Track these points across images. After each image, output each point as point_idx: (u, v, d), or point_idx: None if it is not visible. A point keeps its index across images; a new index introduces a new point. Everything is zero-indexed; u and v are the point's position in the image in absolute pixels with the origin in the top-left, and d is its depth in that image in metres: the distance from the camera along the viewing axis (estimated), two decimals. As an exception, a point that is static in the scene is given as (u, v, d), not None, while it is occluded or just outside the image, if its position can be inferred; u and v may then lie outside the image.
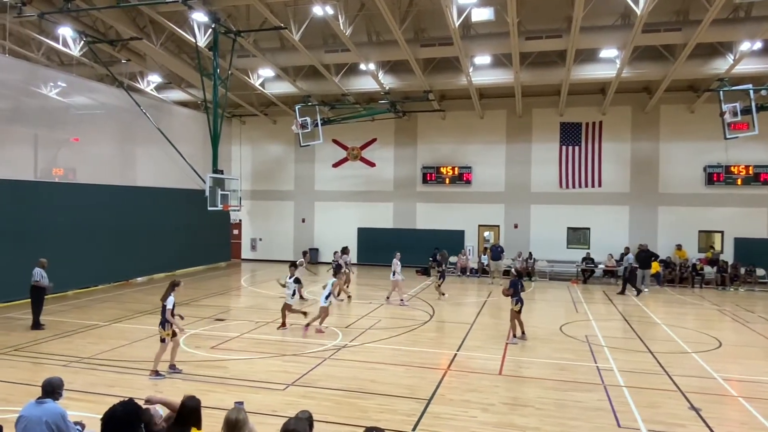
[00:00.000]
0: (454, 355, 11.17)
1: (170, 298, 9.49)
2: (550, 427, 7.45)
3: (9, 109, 18.31)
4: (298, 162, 28.81)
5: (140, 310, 15.40)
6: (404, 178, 27.26)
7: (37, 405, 5.01)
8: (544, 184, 25.33)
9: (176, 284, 9.71)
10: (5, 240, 15.52)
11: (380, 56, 20.79)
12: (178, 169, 20.71)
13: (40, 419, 4.87)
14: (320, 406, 7.82)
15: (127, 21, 18.70)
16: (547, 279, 23.74)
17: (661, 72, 20.30)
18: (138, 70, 24.46)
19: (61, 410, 5.04)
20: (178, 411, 4.54)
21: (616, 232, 24.39)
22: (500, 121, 25.85)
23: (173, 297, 9.54)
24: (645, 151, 24.41)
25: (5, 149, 18.39)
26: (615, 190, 24.61)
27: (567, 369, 10.27)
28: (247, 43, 19.29)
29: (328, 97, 24.96)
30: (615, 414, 7.96)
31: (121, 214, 19.99)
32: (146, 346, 11.51)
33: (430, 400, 8.41)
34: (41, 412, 4.93)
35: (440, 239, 25.49)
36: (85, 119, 20.52)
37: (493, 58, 20.57)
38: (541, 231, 25.30)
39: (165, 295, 9.56)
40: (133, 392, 8.09)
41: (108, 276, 19.80)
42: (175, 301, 9.59)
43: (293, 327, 13.40)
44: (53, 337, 12.19)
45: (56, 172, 20.19)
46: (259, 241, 29.61)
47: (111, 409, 3.74)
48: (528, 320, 15.39)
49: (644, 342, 12.52)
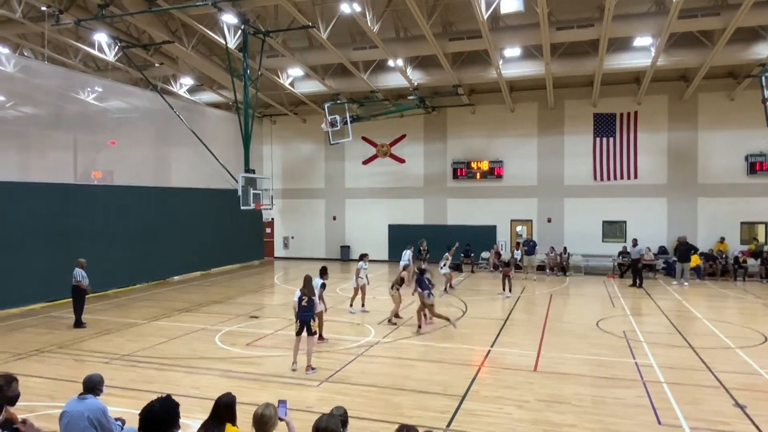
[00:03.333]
0: (488, 352, 11.06)
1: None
2: (587, 424, 7.30)
3: (49, 114, 18.92)
4: (328, 160, 28.96)
5: (177, 308, 15.73)
6: (434, 173, 27.12)
7: (79, 401, 5.14)
8: (577, 177, 24.86)
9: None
10: (48, 241, 16.03)
11: (408, 52, 20.71)
12: (212, 170, 21.07)
13: (82, 414, 4.99)
14: (354, 403, 7.83)
15: (159, 25, 19.09)
16: (582, 274, 23.31)
17: (699, 59, 19.67)
18: (171, 73, 24.95)
19: (102, 406, 5.16)
20: (213, 407, 4.59)
21: (653, 225, 23.80)
22: (531, 114, 25.46)
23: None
24: (683, 141, 23.70)
25: (47, 154, 19.03)
26: (652, 182, 23.98)
27: (604, 365, 10.05)
28: (276, 43, 19.45)
29: (357, 95, 25.00)
30: (655, 411, 7.75)
31: (157, 214, 20.44)
32: (183, 344, 11.76)
33: (464, 397, 8.34)
34: (83, 408, 5.05)
35: (472, 235, 25.32)
36: (121, 123, 21.04)
37: (523, 50, 20.26)
38: (576, 225, 24.85)
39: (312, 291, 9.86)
40: (171, 388, 8.27)
41: (145, 275, 20.27)
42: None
43: (328, 323, 13.48)
44: (94, 335, 12.54)
45: (95, 174, 20.76)
46: (291, 239, 29.90)
47: (149, 404, 3.80)
48: (563, 316, 15.23)
49: (685, 337, 12.18)
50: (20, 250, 15.17)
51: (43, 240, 15.93)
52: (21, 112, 18.83)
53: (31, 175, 17.30)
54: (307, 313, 9.73)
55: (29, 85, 18.03)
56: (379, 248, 27.38)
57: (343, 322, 13.78)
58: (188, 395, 8.13)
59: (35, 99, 18.48)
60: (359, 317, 14.35)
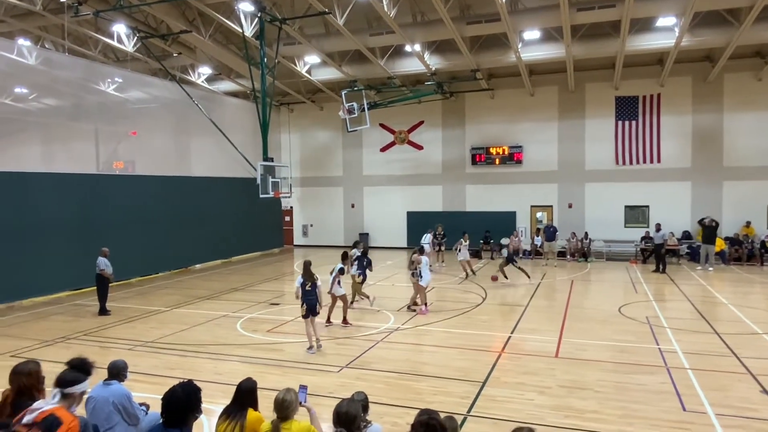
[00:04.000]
0: (508, 338, 11.00)
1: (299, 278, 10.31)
2: (610, 410, 7.22)
3: (71, 106, 19.17)
4: (345, 147, 28.93)
5: (199, 296, 15.93)
6: (453, 160, 26.93)
7: (105, 386, 5.23)
8: (599, 162, 24.47)
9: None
10: (72, 231, 16.31)
11: (426, 36, 20.48)
12: (231, 159, 21.20)
13: (107, 400, 5.07)
14: (374, 388, 7.85)
15: (176, 15, 19.16)
16: (603, 259, 23.03)
17: (725, 39, 19.12)
18: (189, 63, 25.07)
19: (126, 391, 5.24)
20: (235, 392, 4.63)
21: (677, 210, 23.36)
22: (552, 98, 25.07)
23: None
24: (708, 123, 23.15)
25: (70, 145, 19.31)
26: (675, 166, 23.51)
27: (627, 351, 9.93)
28: (293, 30, 19.38)
29: (374, 81, 24.86)
30: (680, 397, 7.64)
31: (178, 203, 20.64)
32: (206, 330, 11.91)
33: (484, 383, 8.31)
34: (108, 393, 5.14)
35: (491, 221, 25.17)
36: (141, 113, 21.23)
37: (542, 33, 19.92)
38: (597, 210, 24.50)
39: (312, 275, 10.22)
40: (193, 374, 8.37)
41: (167, 263, 20.53)
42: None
43: (347, 310, 13.55)
44: (118, 323, 12.76)
45: (117, 165, 21.04)
46: (310, 227, 30.01)
47: (171, 389, 3.83)
48: (585, 302, 15.09)
49: (710, 323, 11.97)
50: (46, 240, 15.47)
51: (68, 229, 16.20)
52: (44, 103, 19.10)
53: (55, 165, 17.57)
54: (312, 297, 10.10)
55: (51, 77, 18.28)
56: (397, 235, 27.38)
57: (362, 309, 13.81)
58: (211, 381, 8.23)
59: (57, 91, 18.74)
60: (378, 303, 14.34)
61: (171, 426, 3.71)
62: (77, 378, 4.08)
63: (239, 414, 4.44)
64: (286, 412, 4.25)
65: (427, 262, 13.52)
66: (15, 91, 17.93)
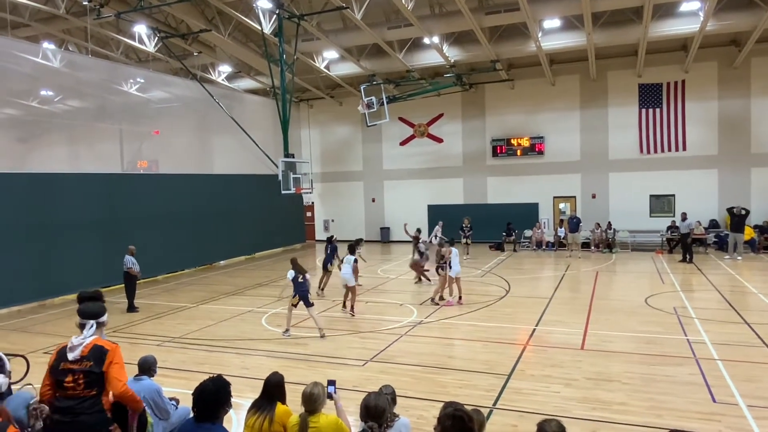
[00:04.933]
0: (533, 330, 10.93)
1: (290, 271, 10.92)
2: (638, 402, 7.14)
3: (95, 107, 19.53)
4: (365, 142, 28.94)
5: (224, 292, 16.14)
6: (473, 152, 26.77)
7: (135, 381, 5.34)
8: (623, 151, 24.10)
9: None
10: (99, 230, 16.64)
11: (444, 28, 20.36)
12: (252, 156, 21.37)
13: (138, 394, 5.18)
14: (399, 382, 7.87)
15: (196, 14, 19.34)
16: (629, 250, 22.70)
17: (751, 22, 18.63)
18: (209, 62, 25.31)
19: (156, 386, 5.35)
20: (263, 386, 4.69)
21: (704, 198, 22.91)
22: (573, 87, 24.74)
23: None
24: (734, 109, 22.62)
25: (95, 145, 19.69)
26: (701, 153, 23.04)
27: (654, 342, 9.80)
28: (311, 26, 19.43)
29: (393, 75, 24.80)
30: (709, 389, 7.51)
31: (201, 201, 20.90)
32: (232, 326, 12.07)
33: (509, 376, 8.28)
34: (139, 388, 5.23)
35: (513, 213, 24.98)
36: (163, 112, 21.52)
37: (563, 21, 19.66)
38: (621, 200, 24.15)
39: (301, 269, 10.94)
40: (221, 369, 8.50)
41: (193, 260, 20.82)
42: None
43: (370, 304, 13.61)
44: (146, 319, 13.00)
45: (141, 164, 21.38)
46: (332, 222, 30.14)
47: (202, 384, 3.90)
48: (610, 293, 14.93)
49: (739, 313, 11.73)
50: (74, 239, 15.79)
51: (95, 228, 16.52)
52: (69, 105, 19.49)
53: (81, 165, 17.94)
54: (304, 288, 10.81)
55: (75, 79, 18.62)
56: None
57: (386, 303, 13.86)
58: (238, 375, 8.34)
59: (81, 92, 19.09)
60: (401, 297, 14.36)
61: (202, 420, 3.77)
62: (102, 307, 4.36)
63: (268, 407, 4.50)
64: (314, 406, 4.30)
65: (457, 253, 13.52)
66: (41, 93, 18.32)
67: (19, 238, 14.42)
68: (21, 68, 16.25)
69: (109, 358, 4.05)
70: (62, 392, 3.93)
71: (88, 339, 4.05)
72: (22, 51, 16.55)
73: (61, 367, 3.93)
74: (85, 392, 3.97)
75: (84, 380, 3.95)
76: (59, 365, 3.94)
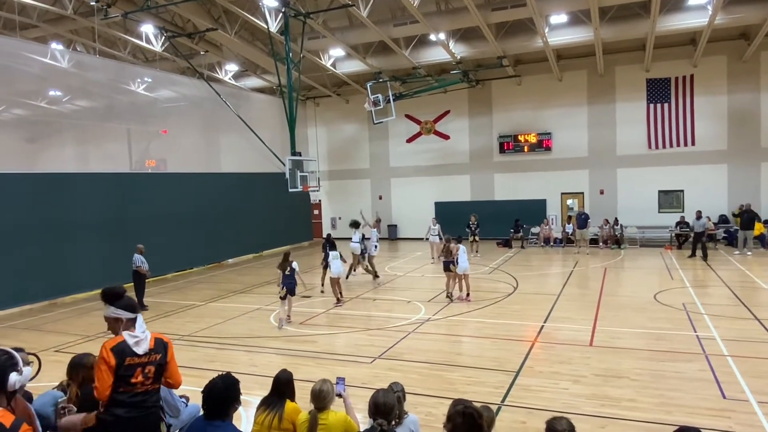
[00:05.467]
0: (541, 327, 10.91)
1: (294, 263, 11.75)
2: (647, 398, 7.12)
3: (103, 106, 19.64)
4: (372, 140, 28.93)
5: (233, 290, 16.21)
6: (480, 148, 26.70)
7: (146, 379, 5.38)
8: (631, 146, 23.95)
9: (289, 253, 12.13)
10: (108, 229, 16.73)
11: (450, 25, 20.30)
12: (259, 154, 21.43)
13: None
14: (407, 379, 7.88)
15: (202, 13, 19.40)
16: (637, 246, 22.59)
17: (761, 15, 18.44)
18: (216, 61, 25.37)
19: (167, 384, 5.39)
20: (273, 384, 4.72)
21: (713, 193, 22.73)
22: (580, 82, 24.61)
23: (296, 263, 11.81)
24: (744, 103, 22.42)
25: (103, 145, 19.81)
26: (710, 148, 22.86)
27: (664, 339, 9.75)
28: (317, 24, 19.44)
29: (399, 72, 24.77)
30: (719, 385, 7.48)
31: (209, 199, 20.97)
32: (241, 323, 12.12)
33: (518, 373, 8.27)
34: (150, 386, 5.29)
35: (521, 210, 24.92)
36: (171, 111, 21.61)
37: (570, 16, 19.54)
38: (630, 196, 24.02)
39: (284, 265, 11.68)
40: (230, 366, 8.51)
41: (201, 259, 20.92)
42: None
43: (378, 301, 13.63)
44: (156, 317, 13.09)
45: (149, 163, 21.49)
46: (339, 219, 30.15)
47: (211, 381, 3.92)
48: (619, 289, 14.87)
49: (749, 308, 11.66)
50: (83, 238, 15.90)
51: (104, 227, 16.61)
52: (77, 105, 19.61)
53: (89, 165, 18.06)
54: (291, 281, 11.68)
55: (83, 79, 18.73)
56: (425, 226, 27.17)
57: (393, 300, 13.88)
58: (247, 373, 8.38)
59: (89, 92, 19.20)
60: (409, 294, 14.37)
61: (212, 417, 3.80)
62: (133, 299, 4.24)
63: (278, 404, 4.53)
64: (324, 403, 4.32)
65: (465, 249, 13.58)
66: (49, 94, 18.44)
67: (29, 238, 14.53)
68: (30, 69, 16.38)
69: (170, 349, 4.11)
70: (128, 388, 3.81)
71: (146, 332, 4.01)
72: (31, 52, 16.67)
73: (127, 362, 3.79)
74: (154, 386, 3.96)
75: (154, 373, 3.93)
76: (123, 362, 3.78)
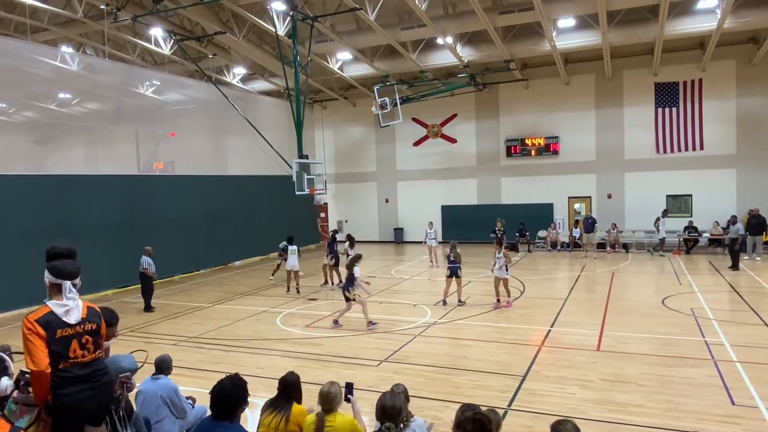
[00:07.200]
0: (548, 331, 10.87)
1: (356, 268, 11.61)
2: (655, 404, 7.07)
3: (112, 109, 19.79)
4: (379, 143, 28.96)
5: (239, 292, 16.25)
6: (487, 152, 26.67)
7: (153, 380, 5.42)
8: (639, 150, 23.86)
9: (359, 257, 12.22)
10: (116, 231, 16.82)
11: (457, 28, 20.32)
12: (266, 157, 21.45)
13: (155, 393, 5.26)
14: (413, 382, 7.87)
15: (211, 16, 19.50)
16: (645, 251, 22.46)
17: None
18: (224, 64, 25.49)
19: (173, 385, 5.41)
20: (280, 386, 4.73)
21: (722, 198, 22.57)
22: (588, 86, 24.55)
23: (359, 267, 11.72)
24: (754, 107, 22.28)
25: (112, 147, 19.94)
26: (719, 153, 22.73)
27: (671, 344, 9.70)
28: (324, 27, 19.49)
29: (406, 75, 24.79)
30: (728, 391, 7.42)
31: (216, 202, 21.05)
32: (247, 325, 12.15)
33: (524, 377, 8.24)
34: (156, 387, 5.32)
35: (528, 214, 24.84)
36: (179, 114, 21.72)
37: (577, 20, 19.51)
38: (638, 200, 23.90)
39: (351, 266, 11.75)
40: (237, 368, 8.51)
41: (208, 261, 20.98)
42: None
43: (384, 304, 13.62)
44: (163, 319, 13.14)
45: (157, 166, 21.59)
46: (345, 222, 30.18)
47: (219, 383, 3.94)
48: (626, 294, 14.80)
49: (758, 314, 11.57)
50: (92, 240, 15.94)
51: (112, 229, 16.71)
52: (86, 108, 19.76)
53: (99, 167, 18.18)
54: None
55: (93, 81, 18.87)
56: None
57: (399, 304, 13.87)
58: (253, 375, 8.38)
59: (99, 95, 19.35)
60: (415, 298, 14.36)
61: (220, 418, 3.81)
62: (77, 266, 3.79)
63: (285, 406, 4.53)
64: (331, 405, 4.33)
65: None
66: (59, 96, 18.60)
67: (37, 240, 14.60)
68: (40, 72, 16.52)
69: (102, 318, 3.71)
70: (68, 362, 3.38)
71: (78, 302, 3.61)
72: (41, 55, 16.82)
73: (59, 335, 3.38)
74: (97, 353, 3.57)
75: (93, 341, 3.54)
76: (54, 335, 3.37)
